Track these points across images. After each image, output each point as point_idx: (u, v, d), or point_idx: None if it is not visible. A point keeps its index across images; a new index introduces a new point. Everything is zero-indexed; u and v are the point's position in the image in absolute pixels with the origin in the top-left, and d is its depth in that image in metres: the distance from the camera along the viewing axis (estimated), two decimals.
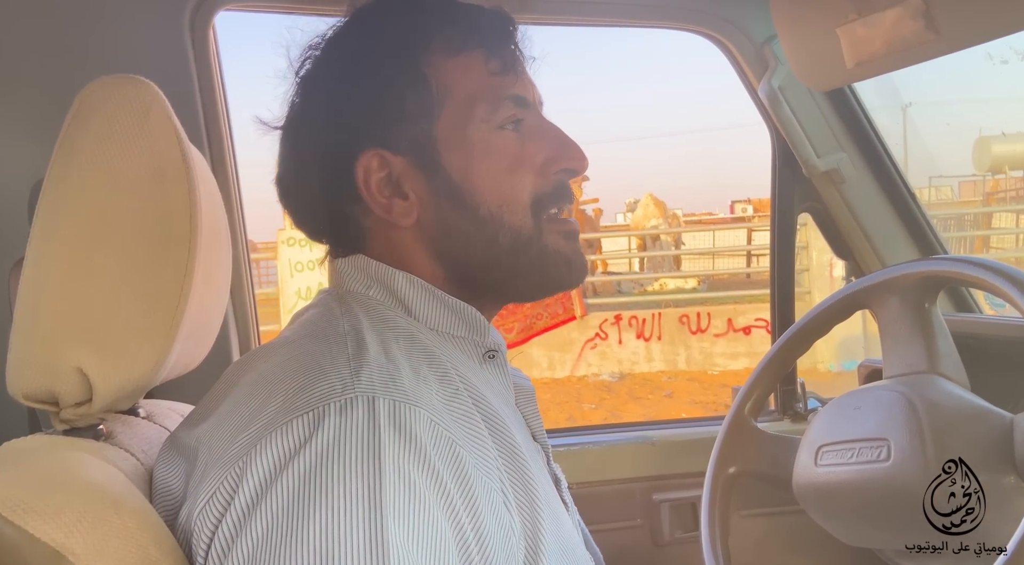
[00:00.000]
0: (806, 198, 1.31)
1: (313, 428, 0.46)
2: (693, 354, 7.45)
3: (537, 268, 0.63)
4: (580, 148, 0.64)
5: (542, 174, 0.63)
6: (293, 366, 0.53)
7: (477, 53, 0.62)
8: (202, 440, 0.54)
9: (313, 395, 0.48)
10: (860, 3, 0.92)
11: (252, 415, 0.50)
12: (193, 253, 0.58)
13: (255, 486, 0.46)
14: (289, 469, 0.45)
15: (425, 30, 0.62)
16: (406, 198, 0.61)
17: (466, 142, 0.61)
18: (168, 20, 0.99)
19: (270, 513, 0.45)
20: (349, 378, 0.49)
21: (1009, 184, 11.88)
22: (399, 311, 0.61)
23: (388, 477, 0.45)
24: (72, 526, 0.46)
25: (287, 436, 0.47)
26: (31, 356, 0.56)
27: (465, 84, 0.61)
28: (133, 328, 0.56)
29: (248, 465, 0.47)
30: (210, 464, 0.50)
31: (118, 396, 0.58)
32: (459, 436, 0.51)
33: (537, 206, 0.62)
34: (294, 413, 0.48)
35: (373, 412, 0.47)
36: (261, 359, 0.58)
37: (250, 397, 0.53)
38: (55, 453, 0.55)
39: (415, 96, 0.60)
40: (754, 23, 1.20)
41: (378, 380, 0.49)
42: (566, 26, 1.25)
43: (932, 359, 0.86)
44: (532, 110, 0.64)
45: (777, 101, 1.21)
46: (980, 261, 0.84)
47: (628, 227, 11.07)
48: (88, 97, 0.58)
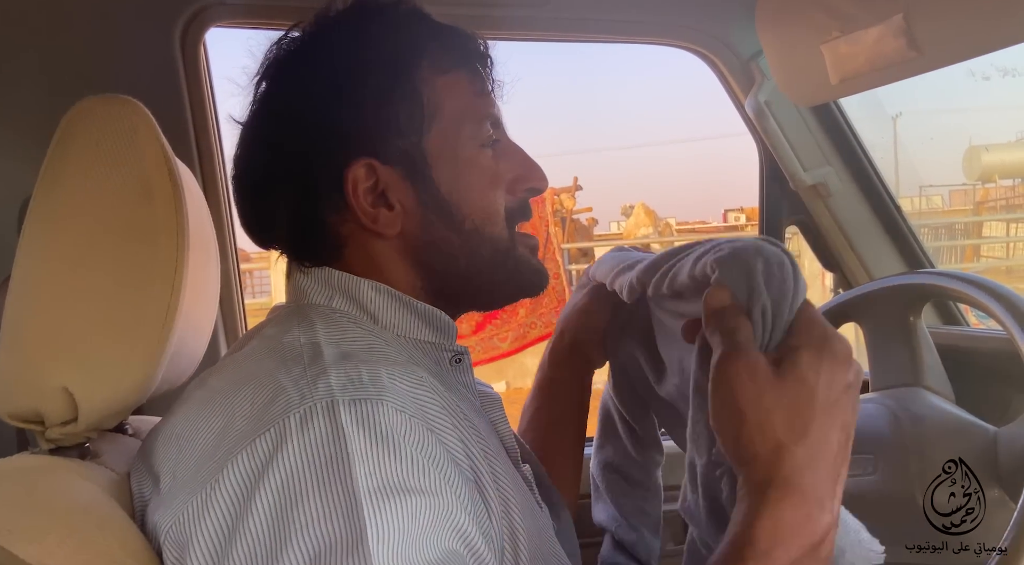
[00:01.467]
0: (794, 211, 1.33)
1: (276, 445, 0.46)
2: None
3: (514, 278, 0.67)
4: (541, 169, 0.69)
5: (511, 191, 0.66)
6: (250, 383, 0.52)
7: (463, 73, 0.65)
8: (166, 457, 0.54)
9: (273, 411, 0.48)
10: (843, 21, 0.94)
11: (216, 436, 0.49)
12: (181, 271, 0.59)
13: (227, 510, 0.46)
14: (260, 488, 0.45)
15: (418, 46, 0.63)
16: (392, 208, 0.62)
17: (454, 157, 0.63)
18: (159, 37, 1.00)
19: (248, 538, 0.44)
20: (306, 388, 0.49)
21: (999, 193, 11.97)
22: (364, 320, 0.61)
23: (361, 485, 0.45)
24: (56, 548, 0.46)
25: (252, 456, 0.46)
26: (16, 375, 0.56)
27: (453, 102, 0.63)
28: (119, 347, 0.57)
29: (216, 488, 0.46)
30: (175, 487, 0.50)
31: (104, 415, 0.58)
32: (431, 423, 0.51)
33: (510, 220, 0.66)
34: (257, 432, 0.47)
35: (334, 417, 0.47)
36: (215, 375, 0.58)
37: (208, 415, 0.52)
38: (40, 473, 0.55)
39: (408, 109, 0.61)
40: (740, 39, 1.22)
41: (336, 384, 0.49)
42: (558, 42, 1.26)
43: (917, 372, 0.87)
44: (502, 131, 0.68)
45: (764, 116, 1.23)
46: (964, 276, 0.85)
47: (622, 235, 11.10)
48: (75, 117, 0.59)
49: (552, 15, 1.15)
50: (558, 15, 1.16)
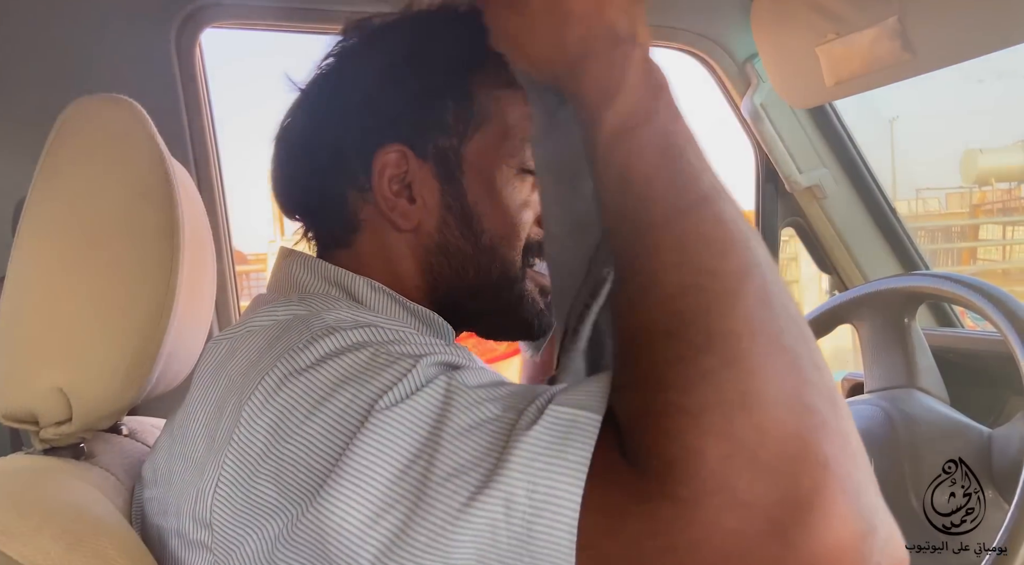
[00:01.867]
0: (789, 213, 1.33)
1: (287, 371, 0.45)
2: None
3: (514, 309, 0.63)
4: None
5: (538, 223, 0.63)
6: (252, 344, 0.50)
7: (519, 94, 0.61)
8: (175, 437, 0.53)
9: (278, 347, 0.47)
10: (838, 23, 0.94)
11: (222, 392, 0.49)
12: (176, 271, 0.59)
13: (266, 431, 0.44)
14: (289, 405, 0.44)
15: (483, 52, 0.59)
16: (413, 202, 0.61)
17: (490, 170, 0.61)
18: (155, 37, 1.00)
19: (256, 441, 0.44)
20: (307, 328, 0.48)
21: (996, 196, 12.00)
22: (361, 310, 0.59)
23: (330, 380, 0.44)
24: (49, 547, 0.46)
25: (270, 380, 0.45)
26: (11, 375, 0.56)
27: (502, 117, 0.61)
28: (114, 347, 0.57)
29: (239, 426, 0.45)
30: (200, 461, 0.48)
31: (98, 416, 0.58)
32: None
33: (527, 251, 0.63)
34: (266, 368, 0.46)
35: (311, 335, 0.46)
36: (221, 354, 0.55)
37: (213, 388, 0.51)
38: (34, 474, 0.55)
39: (457, 109, 0.60)
40: (736, 42, 1.22)
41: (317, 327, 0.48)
42: None
43: (912, 374, 0.87)
44: None
45: (759, 118, 1.23)
46: (958, 278, 0.85)
47: None
48: (70, 117, 0.59)
49: None
50: None
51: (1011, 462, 0.72)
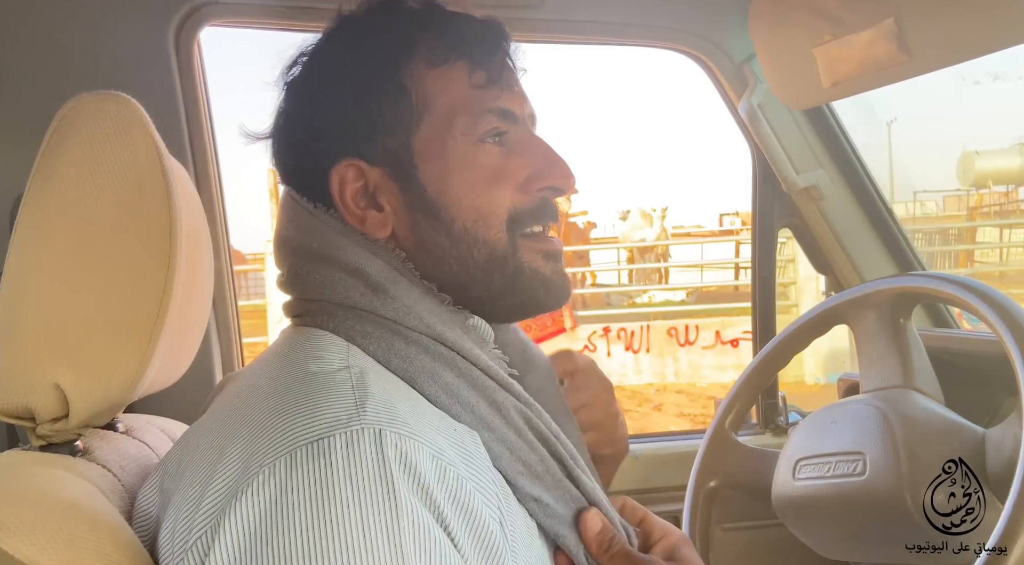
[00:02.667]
0: (786, 213, 1.33)
1: (320, 458, 0.44)
2: (681, 366, 7.47)
3: (511, 287, 0.61)
4: (567, 166, 0.62)
5: (524, 190, 0.61)
6: (294, 390, 0.50)
7: (461, 64, 0.60)
8: (189, 460, 0.52)
9: (318, 424, 0.46)
10: (835, 24, 0.94)
11: (245, 441, 0.48)
12: (173, 268, 0.59)
13: (255, 519, 0.43)
14: (294, 496, 0.43)
15: (409, 40, 0.61)
16: (381, 210, 0.60)
17: (444, 155, 0.60)
18: (153, 35, 1.00)
19: (276, 548, 0.42)
20: (355, 409, 0.47)
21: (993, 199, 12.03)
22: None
23: (405, 518, 0.44)
24: (45, 543, 0.46)
25: (296, 464, 0.44)
26: (8, 371, 0.56)
27: (446, 96, 0.60)
28: (111, 344, 0.57)
29: (245, 493, 0.44)
30: (196, 489, 0.48)
31: (95, 412, 0.58)
32: (464, 472, 0.49)
33: (514, 222, 0.61)
34: (297, 442, 0.45)
35: (381, 445, 0.45)
36: (254, 374, 0.56)
37: (240, 417, 0.50)
38: (30, 469, 0.55)
39: (394, 107, 0.60)
40: (734, 42, 1.22)
41: (383, 412, 0.48)
42: (550, 44, 1.27)
43: (907, 374, 0.88)
44: (520, 125, 0.62)
45: (756, 118, 1.23)
46: (953, 278, 0.86)
47: (618, 239, 11.12)
48: (68, 114, 0.59)
49: (547, 17, 1.16)
50: (553, 17, 1.16)
51: (1005, 462, 0.73)
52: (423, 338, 0.57)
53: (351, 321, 0.57)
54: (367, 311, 0.57)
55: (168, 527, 0.49)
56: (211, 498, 0.46)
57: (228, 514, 0.44)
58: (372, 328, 0.56)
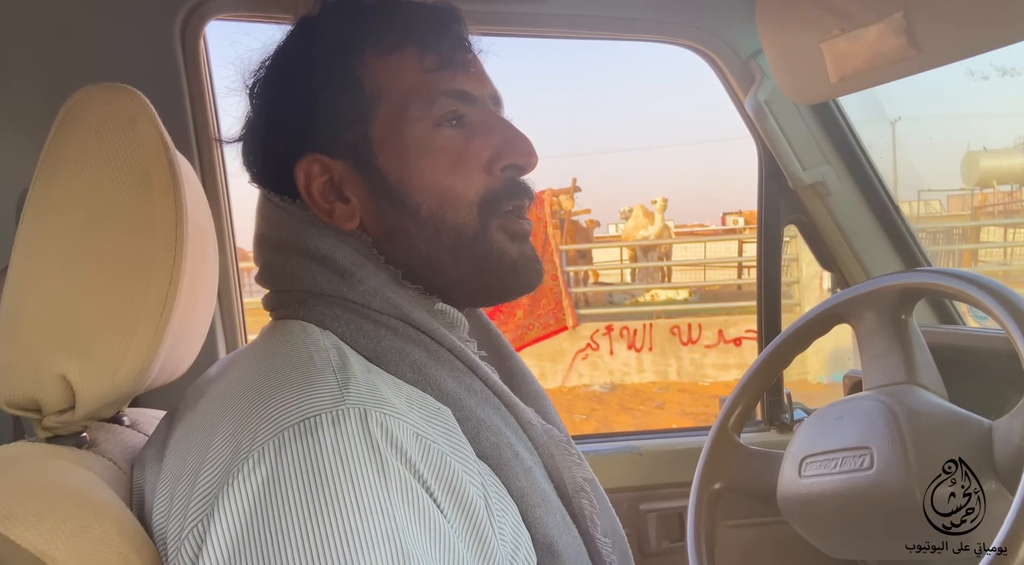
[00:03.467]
0: (792, 210, 1.33)
1: (308, 437, 0.45)
2: (684, 365, 7.47)
3: (479, 270, 0.61)
4: (528, 143, 0.62)
5: (489, 172, 0.61)
6: (276, 376, 0.52)
7: (411, 51, 0.61)
8: (175, 450, 0.53)
9: (303, 406, 0.47)
10: (843, 19, 0.94)
11: (232, 428, 0.48)
12: (179, 261, 0.59)
13: (248, 502, 0.44)
14: (285, 476, 0.44)
15: (359, 32, 0.61)
16: (348, 202, 0.61)
17: (402, 142, 0.60)
18: (159, 29, 1.00)
19: (272, 529, 0.42)
20: (338, 390, 0.48)
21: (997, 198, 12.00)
22: None
23: (395, 488, 0.44)
24: (53, 533, 0.46)
25: (285, 445, 0.45)
26: (14, 363, 0.56)
27: (398, 84, 0.60)
28: (117, 336, 0.57)
29: (236, 477, 0.45)
30: (187, 476, 0.49)
31: (101, 404, 0.58)
32: (447, 449, 0.50)
33: (486, 205, 0.61)
34: (283, 424, 0.46)
35: (366, 423, 0.46)
36: (235, 367, 0.58)
37: (225, 407, 0.51)
38: (37, 461, 0.55)
39: (349, 99, 0.60)
40: (740, 38, 1.22)
41: (366, 393, 0.49)
42: (558, 39, 1.26)
43: (910, 370, 0.87)
44: (479, 106, 0.62)
45: (763, 114, 1.23)
46: (953, 272, 0.85)
47: (620, 238, 11.12)
48: (75, 106, 0.58)
49: (552, 11, 1.16)
50: (558, 11, 1.16)
51: (1013, 452, 0.72)
52: (391, 320, 0.58)
53: (320, 307, 0.58)
54: (335, 296, 0.59)
55: (160, 515, 0.50)
56: (203, 486, 0.46)
57: (221, 500, 0.44)
58: (341, 312, 0.58)
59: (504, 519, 0.52)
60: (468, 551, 0.48)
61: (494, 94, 0.65)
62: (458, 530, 0.48)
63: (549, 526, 0.55)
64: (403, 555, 0.42)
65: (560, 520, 0.57)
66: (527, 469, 0.56)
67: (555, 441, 0.61)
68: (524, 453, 0.57)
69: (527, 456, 0.57)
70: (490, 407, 0.58)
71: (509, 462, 0.55)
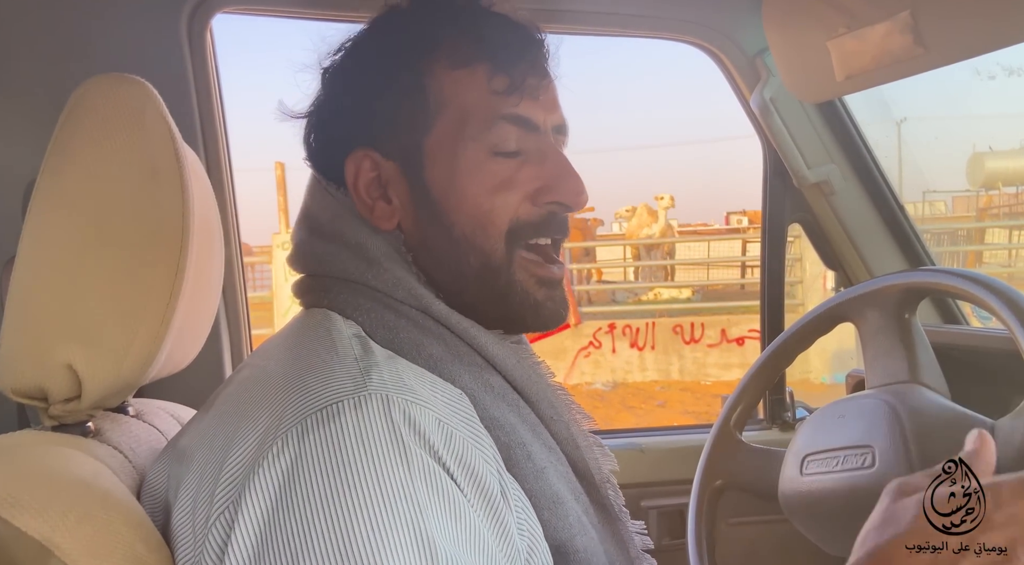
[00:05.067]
0: (797, 208, 1.32)
1: (331, 423, 0.46)
2: (686, 364, 7.47)
3: (503, 300, 0.60)
4: (580, 182, 0.61)
5: (532, 202, 0.60)
6: (299, 364, 0.52)
7: (482, 67, 0.59)
8: (201, 442, 0.53)
9: (326, 393, 0.47)
10: (850, 17, 0.94)
11: (257, 417, 0.49)
12: (184, 252, 0.59)
13: (274, 489, 0.44)
14: (310, 462, 0.44)
15: (434, 38, 0.61)
16: (390, 202, 0.61)
17: (452, 158, 0.59)
18: (165, 21, 1.00)
19: (298, 515, 0.43)
20: (361, 377, 0.49)
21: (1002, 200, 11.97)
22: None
23: (417, 472, 0.45)
24: (58, 521, 0.46)
25: (308, 431, 0.45)
26: (21, 352, 0.56)
27: (461, 99, 0.60)
28: (123, 325, 0.57)
29: (262, 465, 0.45)
30: (212, 468, 0.49)
31: (107, 393, 0.58)
32: (468, 436, 0.51)
33: (515, 233, 0.60)
34: (307, 411, 0.46)
35: (388, 409, 0.47)
36: (261, 356, 0.58)
37: (250, 397, 0.52)
38: (43, 449, 0.55)
39: (410, 105, 0.60)
40: (747, 35, 1.21)
41: (389, 380, 0.49)
42: (561, 34, 1.26)
43: (913, 369, 0.87)
44: (540, 134, 0.61)
45: (768, 112, 1.23)
46: (958, 271, 0.85)
47: (624, 236, 11.10)
48: (82, 96, 0.59)
49: (558, 8, 1.16)
50: (564, 8, 1.16)
51: (1016, 452, 0.72)
52: (412, 311, 0.58)
53: (345, 295, 0.59)
54: (359, 283, 0.59)
55: (187, 509, 0.50)
56: (228, 475, 0.47)
57: (247, 488, 0.45)
58: (364, 301, 0.58)
59: (524, 515, 0.53)
60: (492, 535, 0.48)
61: (559, 124, 0.63)
62: (481, 515, 0.48)
63: (559, 529, 0.55)
64: (426, 539, 0.43)
65: (575, 521, 0.56)
66: (539, 470, 0.56)
67: (581, 432, 0.62)
68: (539, 453, 0.57)
69: (542, 456, 0.57)
70: (507, 404, 0.57)
71: (519, 463, 0.55)
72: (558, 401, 0.62)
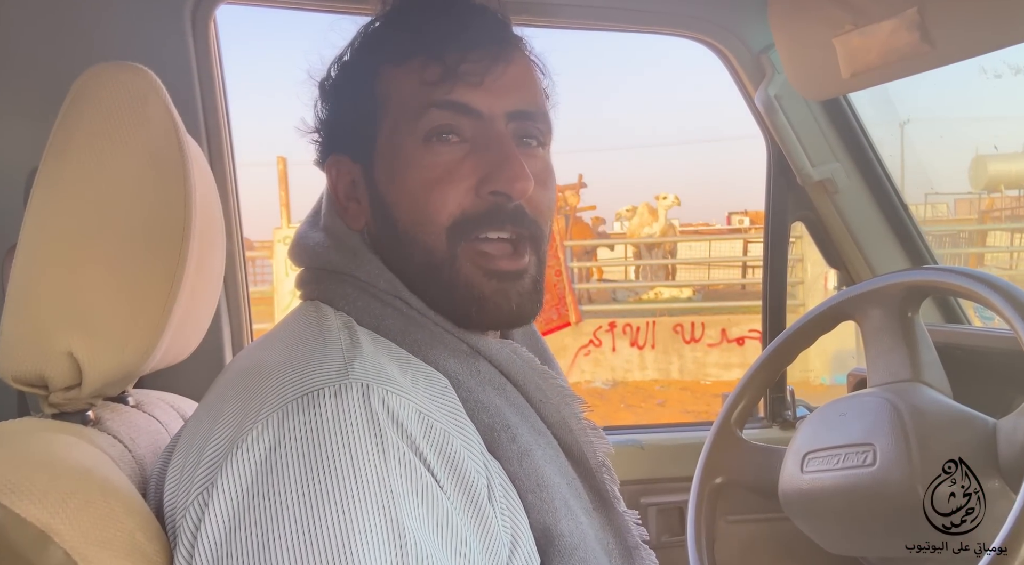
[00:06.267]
0: (800, 207, 1.32)
1: (310, 409, 0.46)
2: (686, 363, 7.46)
3: (447, 295, 0.58)
4: (519, 167, 0.56)
5: (476, 193, 0.57)
6: (286, 353, 0.53)
7: (418, 59, 0.58)
8: (189, 427, 0.55)
9: (308, 381, 0.48)
10: (856, 14, 0.93)
11: (239, 402, 0.50)
12: (186, 242, 0.59)
13: (250, 471, 0.45)
14: (287, 446, 0.45)
15: (380, 39, 0.63)
16: (360, 204, 0.64)
17: (393, 154, 0.60)
18: (169, 12, 1.00)
19: (272, 497, 0.44)
20: (343, 366, 0.50)
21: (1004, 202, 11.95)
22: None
23: (392, 461, 0.46)
24: (58, 507, 0.46)
25: (288, 416, 0.47)
26: (22, 340, 0.56)
27: (399, 93, 0.60)
28: (124, 314, 0.57)
29: (240, 447, 0.46)
30: (195, 451, 0.50)
31: (107, 381, 0.58)
32: (450, 429, 0.51)
33: (457, 227, 0.57)
34: (288, 397, 0.48)
35: (367, 397, 0.47)
36: (256, 347, 0.60)
37: (239, 383, 0.53)
38: (43, 436, 0.55)
39: (364, 108, 0.62)
40: (752, 32, 1.21)
41: (371, 370, 0.50)
42: (565, 30, 1.26)
43: (915, 368, 0.87)
44: (483, 121, 0.58)
45: (773, 109, 1.22)
46: (961, 270, 0.85)
47: (625, 235, 11.10)
48: (85, 84, 0.58)
49: (563, 2, 1.15)
50: (569, 2, 1.16)
51: (1018, 451, 0.72)
52: (395, 300, 0.59)
53: (334, 286, 0.61)
54: (346, 274, 0.61)
55: (171, 489, 0.51)
56: (208, 456, 0.48)
57: (224, 468, 0.46)
58: (351, 290, 0.60)
59: (506, 502, 0.53)
60: (468, 527, 0.48)
61: (516, 109, 0.59)
62: (458, 507, 0.48)
63: (544, 512, 0.55)
64: (397, 526, 0.43)
65: (560, 505, 0.56)
66: (523, 452, 0.56)
67: (575, 415, 0.61)
68: (525, 435, 0.57)
69: (527, 439, 0.57)
70: (492, 388, 0.58)
71: (503, 445, 0.55)
72: (547, 385, 0.61)
